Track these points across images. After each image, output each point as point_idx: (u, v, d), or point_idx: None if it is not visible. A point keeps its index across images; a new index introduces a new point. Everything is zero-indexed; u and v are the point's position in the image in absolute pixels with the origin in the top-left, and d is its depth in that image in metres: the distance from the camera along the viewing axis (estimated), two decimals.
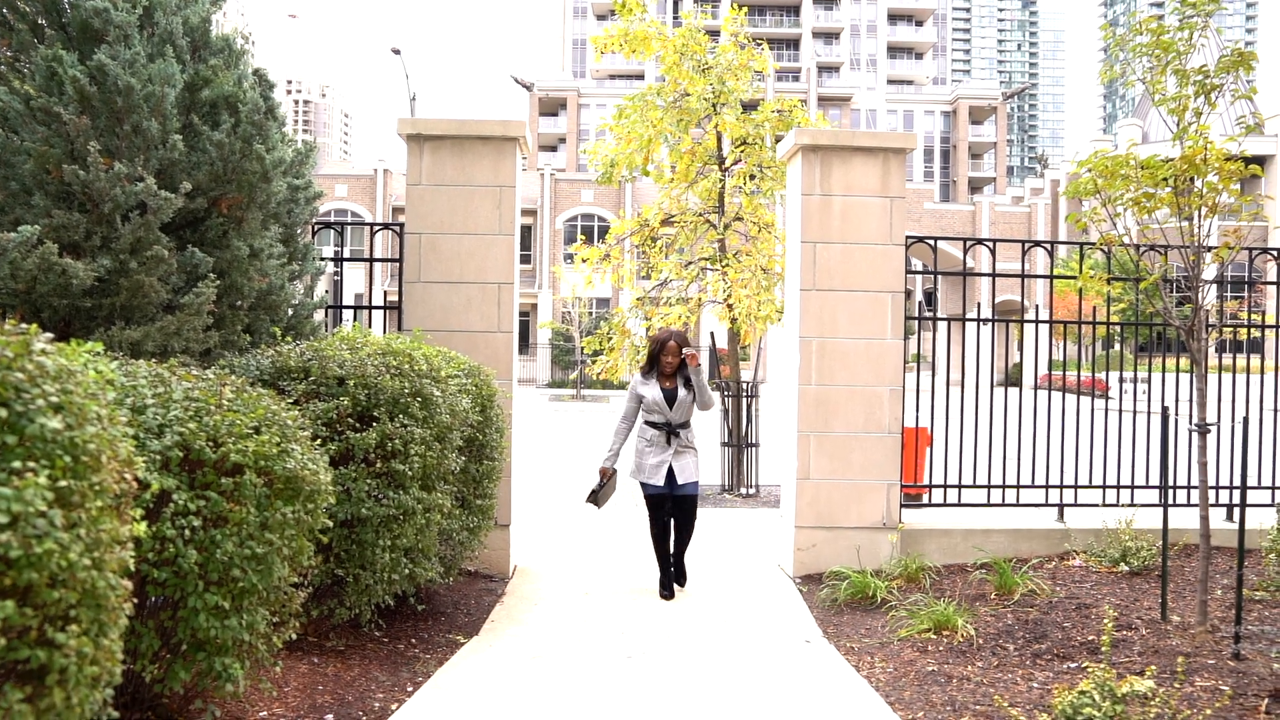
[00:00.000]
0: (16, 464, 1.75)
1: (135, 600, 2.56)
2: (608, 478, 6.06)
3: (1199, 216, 4.83)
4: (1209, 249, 5.02)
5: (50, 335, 2.05)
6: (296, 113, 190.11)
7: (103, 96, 3.94)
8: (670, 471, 5.89)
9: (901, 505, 6.48)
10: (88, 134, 3.89)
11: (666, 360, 5.96)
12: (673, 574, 6.01)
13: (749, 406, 10.04)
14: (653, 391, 5.96)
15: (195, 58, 4.61)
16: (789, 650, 4.85)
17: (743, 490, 9.99)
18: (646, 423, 5.99)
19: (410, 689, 4.05)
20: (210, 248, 4.37)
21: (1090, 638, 4.66)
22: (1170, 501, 6.80)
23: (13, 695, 1.72)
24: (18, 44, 4.13)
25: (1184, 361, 20.81)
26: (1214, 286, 6.52)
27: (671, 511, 5.94)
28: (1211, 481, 7.26)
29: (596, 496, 6.07)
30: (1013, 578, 5.55)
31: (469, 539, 5.15)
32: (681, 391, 5.95)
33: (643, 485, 5.95)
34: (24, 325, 2.01)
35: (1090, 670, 3.64)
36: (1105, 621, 3.85)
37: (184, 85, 4.38)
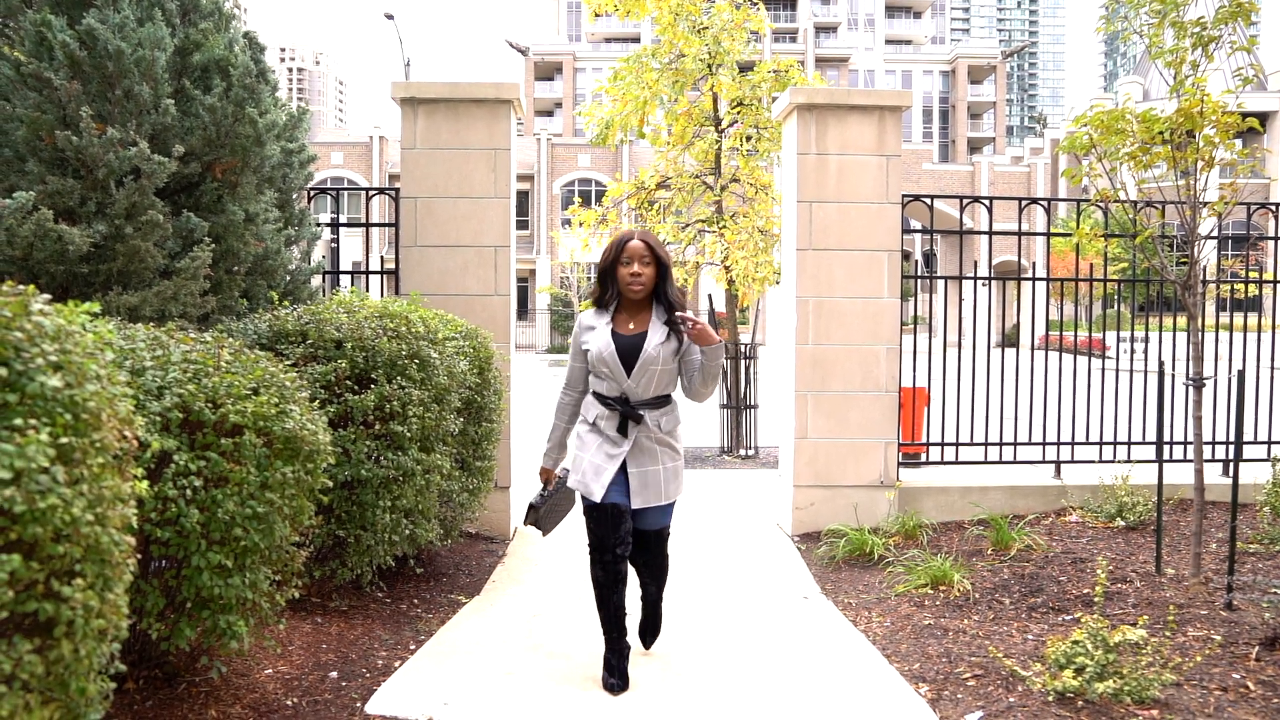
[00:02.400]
0: (18, 421, 1.77)
1: (140, 559, 2.59)
2: (551, 484, 4.02)
3: (1196, 171, 4.82)
4: (1206, 204, 5.01)
5: (48, 296, 2.06)
6: (291, 81, 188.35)
7: (93, 61, 3.91)
8: (623, 482, 3.68)
9: (899, 464, 6.53)
10: (79, 99, 3.87)
11: (629, 277, 3.62)
12: (640, 628, 4.15)
13: (747, 368, 10.07)
14: (599, 342, 3.65)
15: (185, 21, 4.57)
16: (787, 606, 4.91)
17: (741, 452, 10.04)
18: (595, 394, 3.75)
19: (413, 647, 4.11)
20: (205, 213, 4.36)
21: (1085, 591, 4.72)
22: (1166, 457, 6.85)
23: (22, 646, 1.76)
24: (5, 9, 4.10)
25: (1182, 320, 20.77)
26: (1211, 241, 6.51)
27: (626, 551, 3.69)
28: (1207, 436, 7.31)
29: (539, 516, 4.02)
30: (1009, 534, 5.60)
31: (469, 501, 5.19)
32: (654, 339, 3.62)
33: (582, 497, 3.76)
34: (20, 287, 2.03)
35: (1084, 621, 3.70)
36: (1099, 574, 3.90)
37: (174, 49, 4.35)
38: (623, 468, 3.68)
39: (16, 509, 1.70)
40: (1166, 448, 6.86)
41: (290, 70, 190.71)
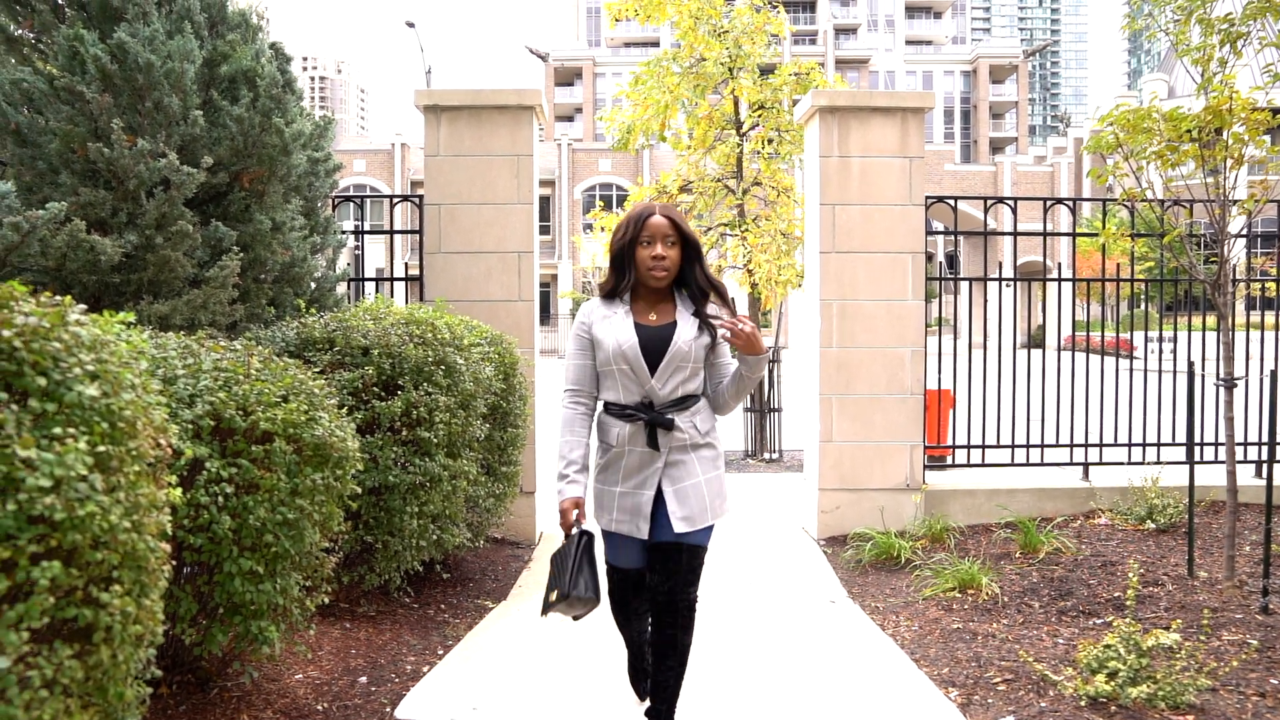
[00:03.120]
0: (57, 430, 1.80)
1: (173, 565, 2.63)
2: (575, 543, 3.01)
3: (1225, 169, 4.77)
4: (1235, 202, 4.95)
5: (84, 307, 2.09)
6: (313, 89, 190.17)
7: (124, 74, 3.97)
8: (660, 509, 3.04)
9: (925, 466, 6.49)
10: (110, 112, 3.93)
11: (650, 260, 3.02)
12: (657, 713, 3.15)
13: (771, 372, 10.05)
14: (617, 332, 3.03)
15: (213, 33, 4.63)
16: (814, 610, 4.89)
17: (766, 455, 10.02)
18: (608, 406, 3.10)
19: (440, 652, 4.13)
20: (233, 222, 4.41)
21: (1116, 594, 4.67)
22: (1197, 459, 6.77)
23: (63, 651, 1.78)
24: (40, 25, 4.17)
25: (1211, 320, 20.55)
26: (1241, 240, 6.44)
27: (655, 579, 3.08)
28: (1239, 437, 7.21)
29: (563, 594, 2.96)
30: (1037, 536, 5.56)
31: (495, 506, 5.21)
32: (685, 332, 3.03)
33: (607, 542, 3.20)
34: (58, 298, 2.06)
35: (1116, 625, 3.66)
36: (1131, 577, 3.86)
37: (203, 61, 4.40)
38: (652, 497, 3.03)
39: (56, 516, 1.73)
40: (1197, 449, 6.78)
41: (312, 79, 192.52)
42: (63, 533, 1.76)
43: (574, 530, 3.00)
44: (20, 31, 4.34)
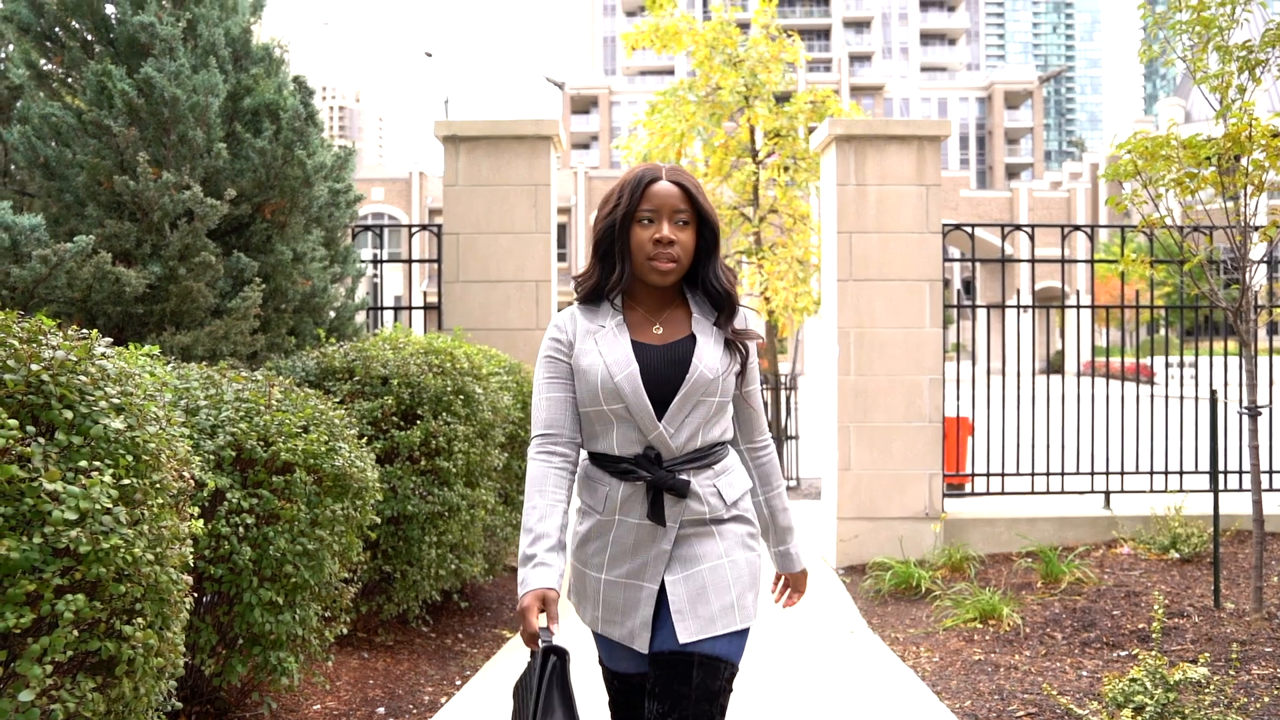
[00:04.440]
0: (83, 463, 1.81)
1: (194, 596, 2.64)
2: (539, 668, 1.94)
3: (1245, 195, 4.75)
4: (1256, 228, 4.93)
5: (109, 340, 2.12)
6: (331, 118, 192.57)
7: (150, 108, 4.04)
8: (663, 605, 2.06)
9: (944, 495, 6.44)
10: (136, 145, 3.99)
11: (652, 246, 2.05)
12: None
13: (788, 399, 10.02)
14: (607, 355, 2.06)
15: (237, 67, 4.71)
16: (834, 640, 4.85)
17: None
18: (593, 458, 2.15)
19: (459, 682, 4.12)
20: (255, 253, 4.46)
21: (1140, 626, 4.61)
22: (1221, 487, 6.69)
23: (85, 684, 1.79)
24: (69, 61, 4.25)
25: (1232, 345, 20.39)
26: (1263, 266, 6.40)
27: (654, 708, 2.02)
28: (1264, 466, 7.13)
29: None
30: (1059, 566, 5.49)
31: (513, 535, 5.21)
32: (710, 350, 2.08)
33: (596, 638, 2.25)
34: (84, 331, 2.09)
35: (1142, 658, 3.61)
36: (1156, 608, 3.81)
37: (227, 94, 4.47)
38: (655, 594, 2.07)
39: (81, 549, 1.75)
40: (1221, 477, 6.71)
41: (331, 108, 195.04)
42: (87, 565, 1.78)
43: (542, 642, 1.94)
44: (50, 67, 4.43)
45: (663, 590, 2.06)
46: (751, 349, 2.16)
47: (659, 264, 2.05)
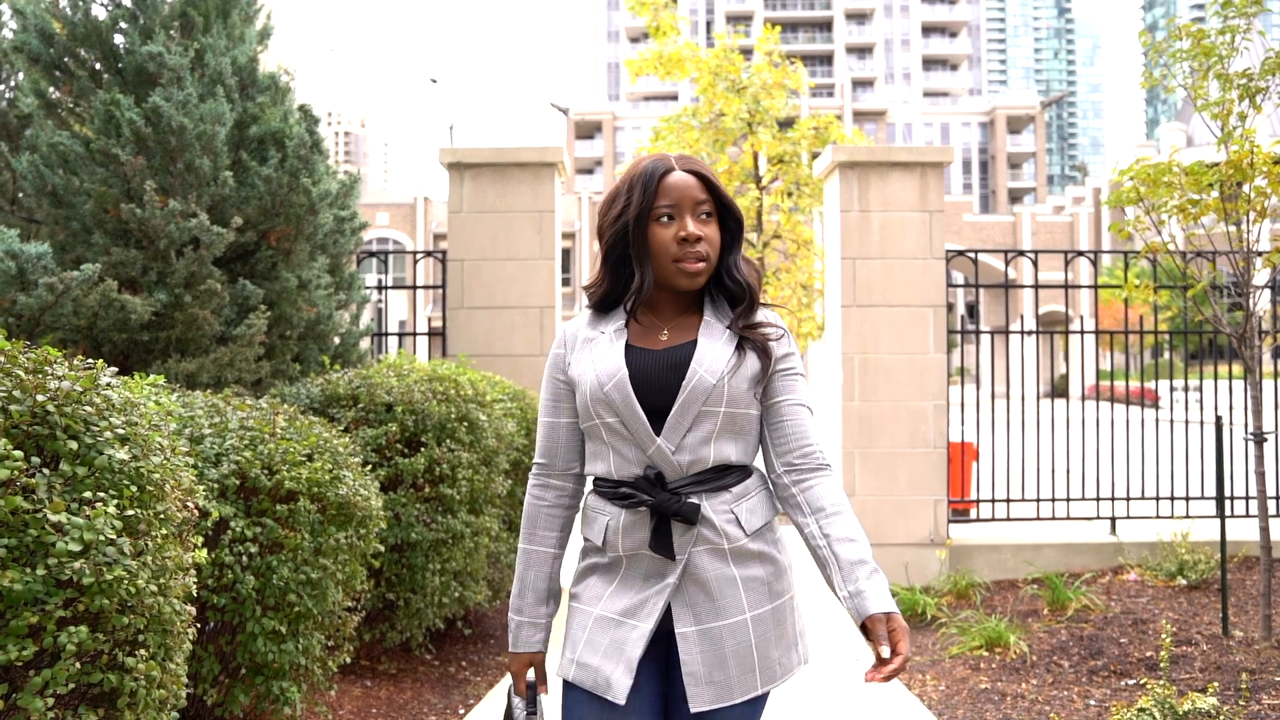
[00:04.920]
0: (87, 494, 1.82)
1: (197, 625, 2.63)
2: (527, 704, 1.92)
3: (1248, 222, 4.76)
4: (1259, 254, 4.93)
5: (115, 370, 2.13)
6: (337, 143, 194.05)
7: (157, 137, 4.07)
8: (657, 666, 1.83)
9: (949, 521, 6.41)
10: (143, 173, 4.02)
11: (676, 246, 1.81)
12: None
13: None
14: (597, 362, 1.83)
15: (243, 95, 4.75)
16: (839, 668, 4.81)
17: None
18: (598, 484, 1.89)
19: (462, 711, 4.09)
20: (260, 280, 4.48)
21: (1148, 654, 4.57)
22: (1228, 513, 6.66)
23: (87, 717, 1.78)
24: (78, 90, 4.29)
25: (1237, 368, 20.29)
26: (1266, 291, 6.40)
27: None
28: (1270, 491, 7.09)
29: None
30: (1065, 593, 5.46)
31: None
32: (712, 352, 1.80)
33: (563, 702, 1.85)
34: (90, 361, 2.10)
35: (1149, 687, 3.58)
36: (1164, 637, 3.78)
37: (233, 122, 4.51)
38: (661, 631, 1.80)
39: (85, 581, 1.74)
40: (1228, 503, 6.67)
41: (336, 134, 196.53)
42: (90, 597, 1.77)
43: (528, 714, 1.85)
44: (59, 96, 4.47)
45: (671, 641, 1.79)
46: (779, 349, 1.86)
47: (687, 265, 1.81)
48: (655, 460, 1.78)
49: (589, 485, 1.94)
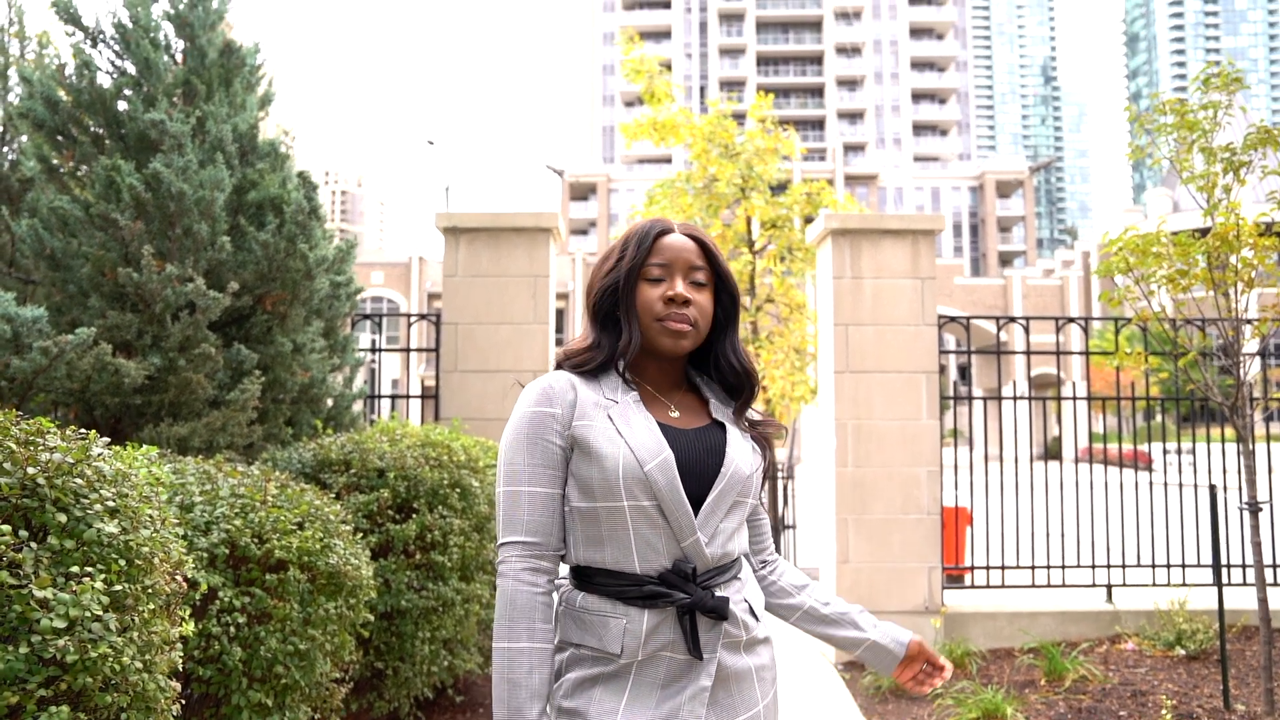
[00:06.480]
0: (74, 568, 1.79)
1: (181, 701, 2.57)
2: None
3: (1236, 292, 4.82)
4: (1248, 322, 4.98)
5: (107, 440, 2.12)
6: (334, 203, 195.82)
7: (157, 202, 4.11)
8: None
9: (944, 586, 6.36)
10: (142, 238, 4.05)
11: (663, 307, 1.72)
12: None
13: (785, 488, 9.96)
14: (631, 436, 1.64)
15: (243, 162, 4.80)
16: None
17: None
18: (600, 582, 1.66)
19: None
20: (255, 344, 4.49)
21: None
22: (1225, 581, 6.61)
23: None
24: (80, 155, 4.34)
25: (1229, 431, 20.34)
26: (1257, 359, 6.44)
27: None
28: (1267, 560, 7.06)
29: None
30: (1062, 663, 5.39)
31: None
32: (738, 447, 1.73)
33: None
34: (83, 430, 2.09)
35: None
36: (1164, 712, 3.73)
37: (232, 188, 4.55)
38: None
39: (68, 658, 1.71)
40: (1224, 571, 6.63)
41: (333, 193, 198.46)
42: (73, 675, 1.74)
43: None
44: (61, 161, 4.52)
45: None
46: (771, 446, 1.85)
47: (671, 324, 1.72)
48: (689, 552, 1.65)
49: (569, 582, 1.74)
